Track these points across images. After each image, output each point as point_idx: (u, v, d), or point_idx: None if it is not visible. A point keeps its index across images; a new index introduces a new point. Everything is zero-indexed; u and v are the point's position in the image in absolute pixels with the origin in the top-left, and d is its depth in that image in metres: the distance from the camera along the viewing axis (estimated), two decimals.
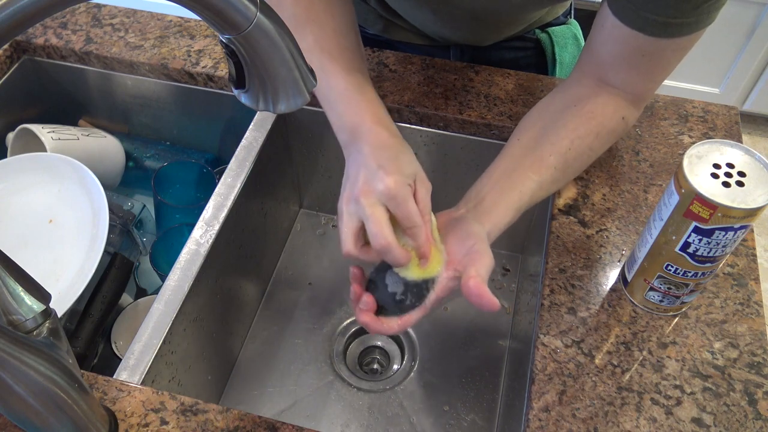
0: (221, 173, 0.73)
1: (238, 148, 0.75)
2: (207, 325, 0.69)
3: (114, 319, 0.74)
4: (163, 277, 0.72)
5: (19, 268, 0.38)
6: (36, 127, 0.81)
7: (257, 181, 0.76)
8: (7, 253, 0.38)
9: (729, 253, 0.54)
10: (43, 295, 0.39)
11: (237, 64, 0.38)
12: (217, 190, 0.71)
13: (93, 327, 0.71)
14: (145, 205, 0.84)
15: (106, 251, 0.68)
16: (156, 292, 0.74)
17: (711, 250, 0.52)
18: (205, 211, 0.69)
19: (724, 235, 0.51)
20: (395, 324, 0.55)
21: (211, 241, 0.66)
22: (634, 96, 0.63)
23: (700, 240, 0.51)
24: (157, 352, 0.59)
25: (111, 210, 0.73)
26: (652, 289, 0.58)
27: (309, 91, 0.40)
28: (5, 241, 0.73)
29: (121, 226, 0.80)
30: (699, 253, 0.53)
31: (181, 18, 0.89)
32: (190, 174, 0.86)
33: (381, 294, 0.55)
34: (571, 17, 0.90)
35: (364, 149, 0.55)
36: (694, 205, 0.50)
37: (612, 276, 0.62)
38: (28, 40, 0.84)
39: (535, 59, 0.89)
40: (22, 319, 0.38)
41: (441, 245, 0.56)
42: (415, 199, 0.54)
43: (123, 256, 0.76)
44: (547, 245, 0.65)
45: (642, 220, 0.67)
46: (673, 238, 0.53)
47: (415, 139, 0.79)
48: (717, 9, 0.55)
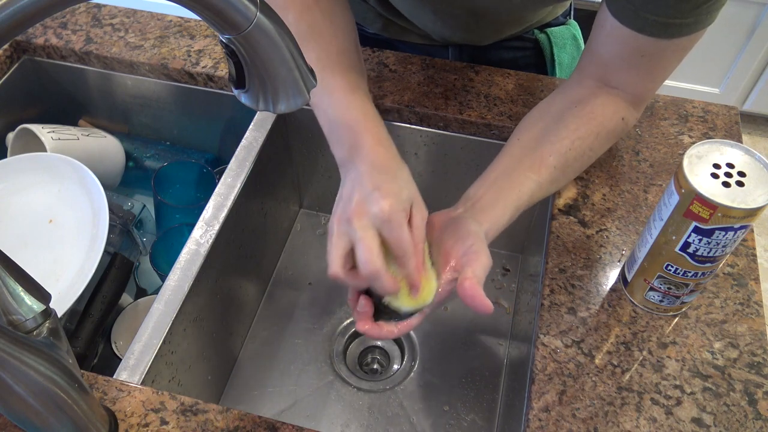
0: (221, 173, 0.73)
1: (238, 148, 0.75)
2: (207, 325, 0.69)
3: (114, 319, 0.74)
4: (163, 277, 0.72)
5: (19, 268, 0.38)
6: (36, 127, 0.81)
7: (257, 181, 0.76)
8: (7, 253, 0.38)
9: (729, 253, 0.54)
10: (43, 295, 0.39)
11: (237, 64, 0.37)
12: (217, 190, 0.71)
13: (93, 327, 0.71)
14: (145, 205, 0.84)
15: (106, 251, 0.68)
16: (156, 292, 0.74)
17: (711, 250, 0.52)
18: (205, 211, 0.69)
19: (724, 235, 0.51)
20: (394, 329, 0.54)
21: (211, 241, 0.66)
22: (634, 97, 0.63)
23: (700, 240, 0.51)
24: (157, 352, 0.59)
25: (111, 210, 0.73)
26: (652, 289, 0.58)
27: (309, 91, 0.40)
28: (5, 241, 0.73)
29: (121, 226, 0.80)
30: (699, 253, 0.53)
31: (181, 18, 0.89)
32: (190, 174, 0.86)
33: (379, 298, 0.55)
34: (570, 18, 0.90)
35: (361, 168, 0.54)
36: (694, 205, 0.50)
37: (612, 276, 0.62)
38: (28, 40, 0.84)
39: (534, 59, 0.89)
40: (22, 319, 0.38)
41: (433, 272, 0.54)
42: (410, 225, 0.52)
43: (123, 256, 0.76)
44: (547, 245, 0.65)
45: (642, 220, 0.67)
46: (673, 238, 0.53)
47: (415, 139, 0.79)
48: (717, 9, 0.55)
